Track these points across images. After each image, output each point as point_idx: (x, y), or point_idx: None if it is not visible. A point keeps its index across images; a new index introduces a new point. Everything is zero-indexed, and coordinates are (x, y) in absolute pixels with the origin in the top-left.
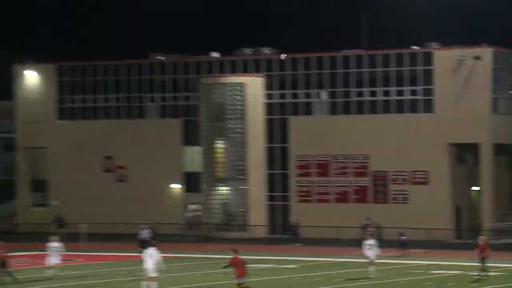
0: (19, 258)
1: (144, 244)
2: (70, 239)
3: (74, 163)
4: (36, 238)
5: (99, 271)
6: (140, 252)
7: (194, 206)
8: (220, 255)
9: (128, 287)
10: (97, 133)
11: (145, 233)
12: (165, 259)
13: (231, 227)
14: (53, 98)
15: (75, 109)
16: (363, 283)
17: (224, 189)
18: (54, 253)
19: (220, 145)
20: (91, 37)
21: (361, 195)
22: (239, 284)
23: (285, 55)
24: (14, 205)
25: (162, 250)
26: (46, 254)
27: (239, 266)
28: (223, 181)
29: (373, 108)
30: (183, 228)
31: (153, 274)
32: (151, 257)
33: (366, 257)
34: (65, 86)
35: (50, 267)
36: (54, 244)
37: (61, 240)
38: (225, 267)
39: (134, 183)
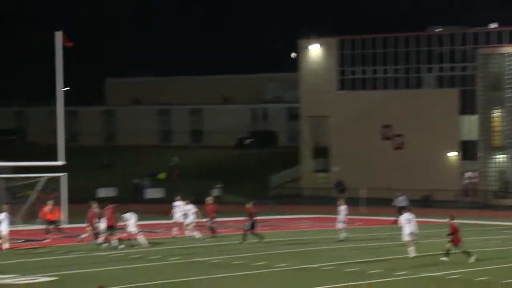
0: (303, 221)
1: (401, 211)
2: (350, 203)
3: (353, 131)
4: (318, 201)
5: (377, 234)
6: (398, 218)
7: (470, 174)
8: (497, 221)
9: (402, 251)
10: (376, 102)
11: (401, 200)
12: (440, 225)
13: (508, 195)
14: (335, 70)
15: (355, 80)
16: None
17: (500, 157)
18: (341, 216)
19: (497, 114)
20: (371, 11)
21: None
22: (448, 251)
23: (295, 54)
24: (298, 170)
25: (437, 216)
26: (327, 217)
27: (456, 233)
28: (500, 149)
29: None
30: (459, 195)
31: (409, 238)
32: (408, 223)
33: None
34: (346, 58)
35: (338, 230)
36: (342, 208)
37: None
38: (448, 235)
39: (411, 151)
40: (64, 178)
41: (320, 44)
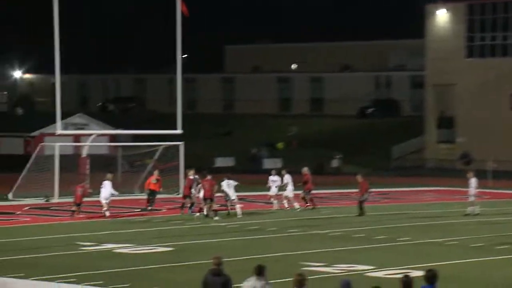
0: (426, 193)
1: None
2: (477, 175)
3: (481, 100)
4: (442, 173)
5: (505, 208)
6: None
7: None
8: None
9: None
10: (506, 70)
11: None
12: None
13: None
14: (463, 36)
15: (484, 46)
16: None
17: None
18: (471, 189)
19: None
20: None
21: None
22: None
23: (297, 65)
24: (422, 141)
25: None
26: (451, 190)
27: None
28: None
29: None
30: None
31: None
32: None
33: None
34: (475, 24)
35: (469, 203)
36: (472, 180)
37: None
38: None
39: None
40: (181, 147)
41: (447, 10)
